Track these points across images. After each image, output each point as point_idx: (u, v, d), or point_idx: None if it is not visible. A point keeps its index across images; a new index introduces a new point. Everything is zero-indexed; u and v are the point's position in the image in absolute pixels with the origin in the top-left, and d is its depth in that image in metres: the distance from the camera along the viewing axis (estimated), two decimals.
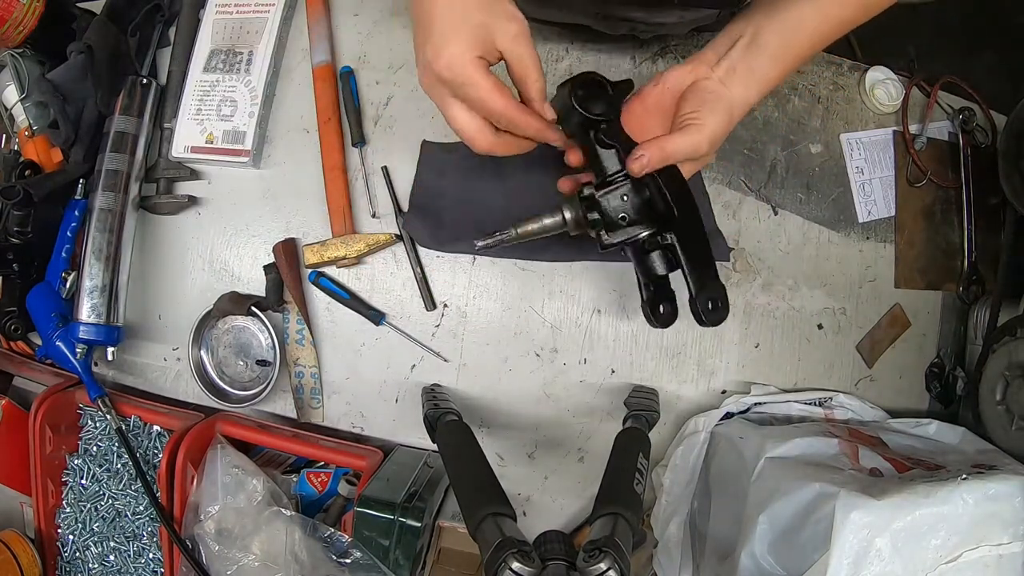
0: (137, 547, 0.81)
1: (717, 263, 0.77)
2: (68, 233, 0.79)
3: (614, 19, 0.69)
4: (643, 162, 0.51)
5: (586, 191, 0.53)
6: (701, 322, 0.50)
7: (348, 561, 0.70)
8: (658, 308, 0.54)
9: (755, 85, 0.54)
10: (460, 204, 0.77)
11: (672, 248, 0.52)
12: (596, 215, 0.53)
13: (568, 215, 0.55)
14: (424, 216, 0.77)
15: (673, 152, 0.52)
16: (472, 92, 0.47)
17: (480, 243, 0.56)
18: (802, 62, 0.55)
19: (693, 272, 0.50)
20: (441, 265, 0.79)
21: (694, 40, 0.81)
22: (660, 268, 0.54)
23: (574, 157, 0.57)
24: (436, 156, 0.79)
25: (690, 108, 0.53)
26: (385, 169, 0.79)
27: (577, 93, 0.54)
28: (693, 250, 0.51)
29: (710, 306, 0.50)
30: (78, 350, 0.75)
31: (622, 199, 0.53)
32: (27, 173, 0.80)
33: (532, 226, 0.55)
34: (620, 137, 0.54)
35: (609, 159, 0.54)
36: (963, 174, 0.83)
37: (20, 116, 0.82)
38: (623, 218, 0.53)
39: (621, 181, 0.53)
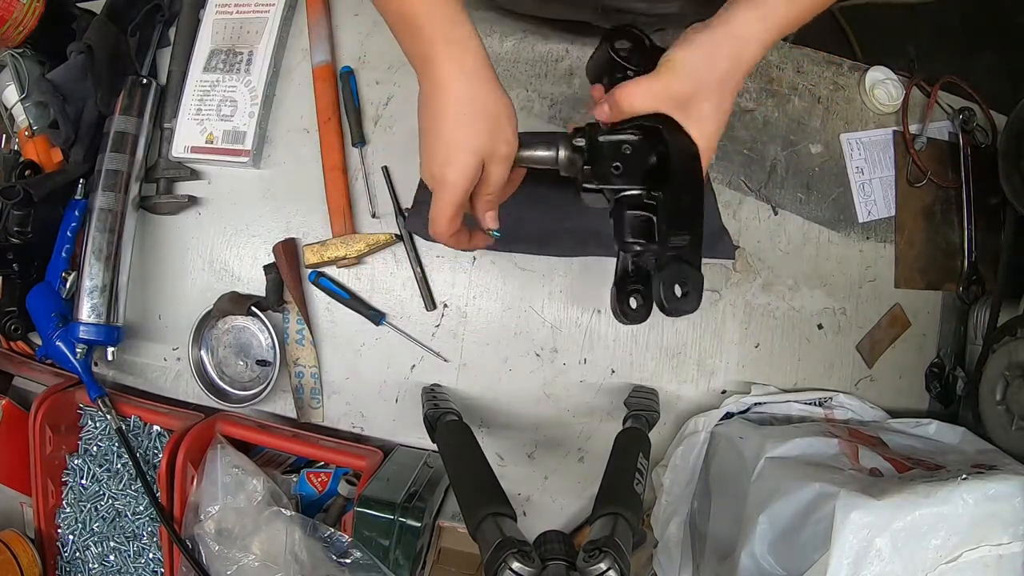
0: (137, 547, 0.81)
1: (722, 261, 0.78)
2: (68, 233, 0.79)
3: (615, 12, 0.69)
4: (604, 109, 0.50)
5: (588, 127, 0.51)
6: (661, 308, 0.45)
7: (348, 561, 0.70)
8: (627, 298, 0.47)
9: (760, 24, 0.49)
10: None
11: (653, 209, 0.48)
12: (586, 146, 0.50)
13: (563, 152, 0.52)
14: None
15: (627, 94, 0.49)
16: (443, 198, 0.51)
17: None
18: (812, 14, 0.50)
19: (666, 242, 0.46)
20: (441, 265, 0.79)
21: None
22: (628, 232, 0.48)
23: (597, 92, 0.55)
24: None
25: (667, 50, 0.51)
26: (385, 169, 0.79)
27: (613, 39, 0.53)
28: (677, 215, 0.47)
29: (676, 290, 0.44)
30: (78, 350, 0.75)
31: (623, 149, 0.50)
32: (27, 173, 0.80)
33: (523, 153, 0.52)
34: None
35: None
36: (963, 174, 0.83)
37: (20, 116, 0.82)
38: (616, 167, 0.49)
39: (628, 131, 0.50)
